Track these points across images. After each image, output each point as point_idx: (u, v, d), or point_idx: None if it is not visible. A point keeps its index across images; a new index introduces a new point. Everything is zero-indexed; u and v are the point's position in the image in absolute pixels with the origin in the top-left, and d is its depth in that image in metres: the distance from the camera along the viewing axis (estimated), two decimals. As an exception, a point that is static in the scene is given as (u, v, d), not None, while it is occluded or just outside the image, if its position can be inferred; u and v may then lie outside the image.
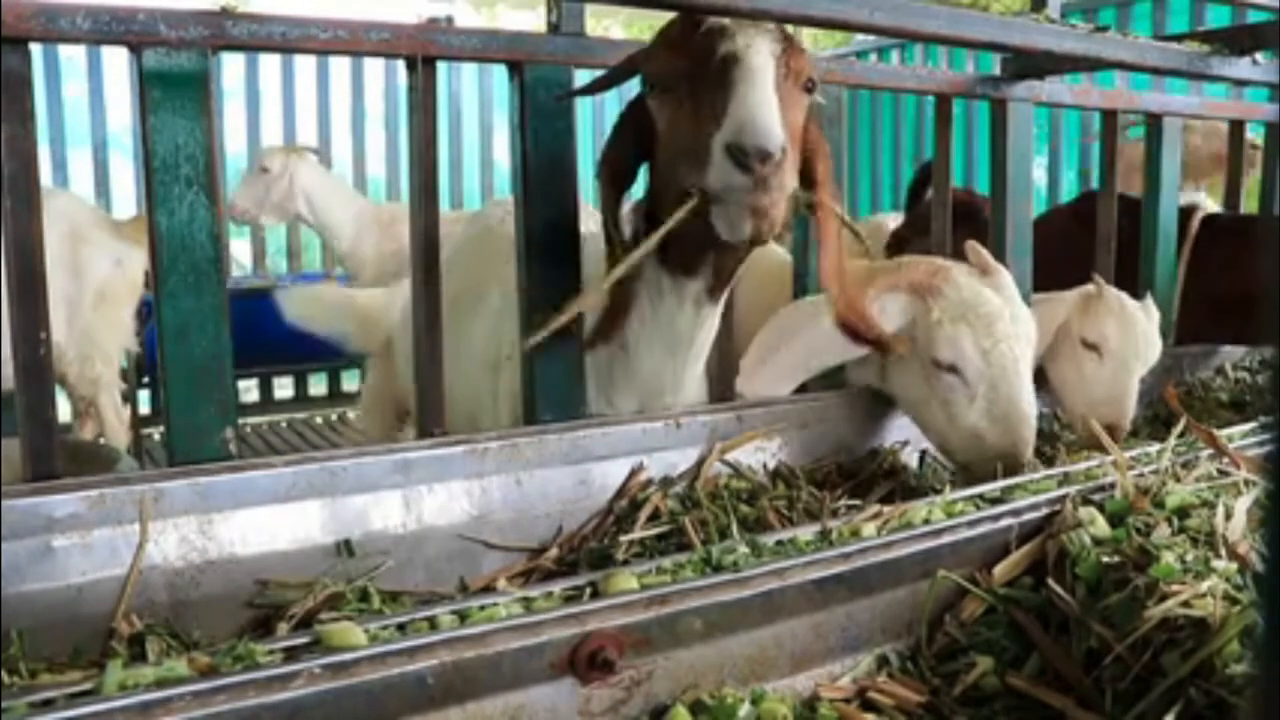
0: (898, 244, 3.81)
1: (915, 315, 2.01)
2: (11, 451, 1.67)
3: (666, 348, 1.93)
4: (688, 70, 1.68)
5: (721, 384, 2.23)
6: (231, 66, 5.78)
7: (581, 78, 2.00)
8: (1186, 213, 3.20)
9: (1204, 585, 1.22)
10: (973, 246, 2.15)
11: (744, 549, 1.36)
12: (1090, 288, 2.49)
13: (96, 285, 3.58)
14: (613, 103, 6.63)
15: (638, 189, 1.94)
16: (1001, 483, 1.67)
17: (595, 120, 6.59)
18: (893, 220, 4.47)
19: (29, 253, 1.58)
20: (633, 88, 1.85)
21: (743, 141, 1.53)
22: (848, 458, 2.16)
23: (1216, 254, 3.19)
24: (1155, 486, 1.52)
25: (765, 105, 1.57)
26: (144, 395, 4.85)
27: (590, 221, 2.08)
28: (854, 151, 6.51)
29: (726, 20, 1.67)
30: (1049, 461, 2.22)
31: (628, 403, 2.01)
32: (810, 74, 1.75)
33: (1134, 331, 2.41)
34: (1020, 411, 1.99)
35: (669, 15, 1.76)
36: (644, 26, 6.86)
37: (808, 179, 1.82)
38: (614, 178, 1.87)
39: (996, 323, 1.99)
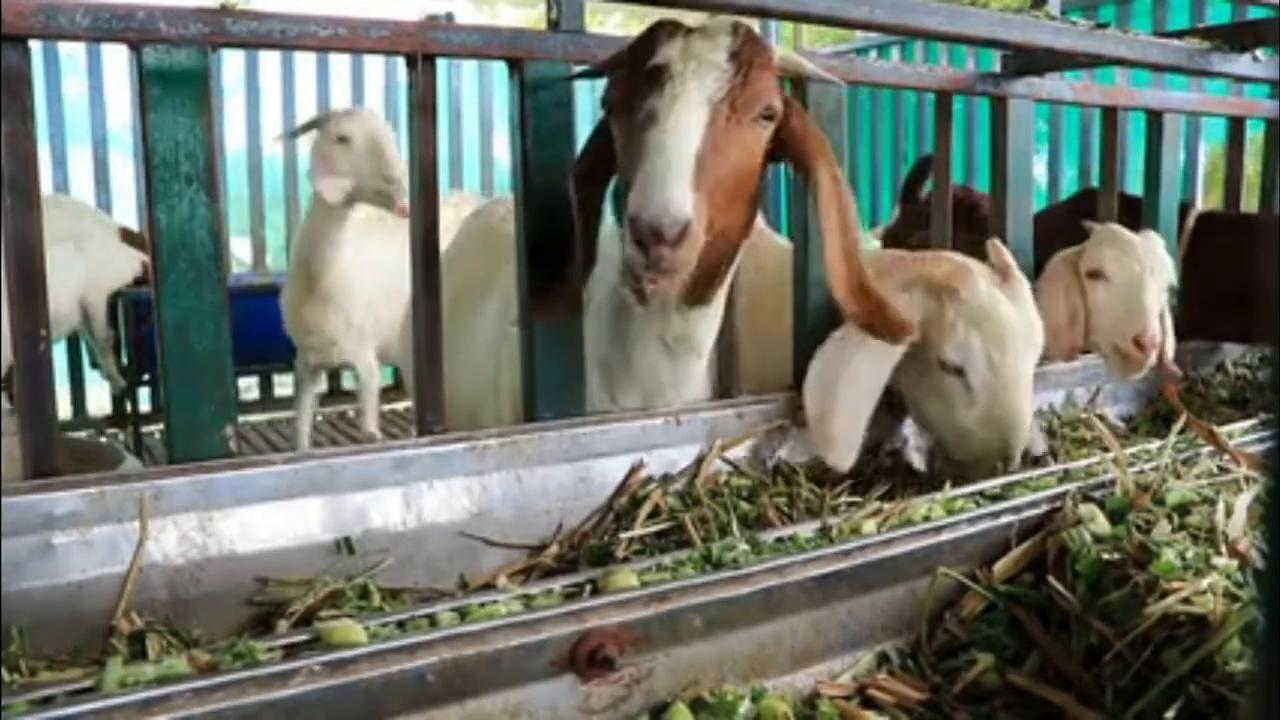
0: (892, 239, 3.81)
1: (930, 312, 2.01)
2: (12, 449, 1.67)
3: (663, 347, 1.92)
4: (627, 105, 1.66)
5: (724, 380, 2.22)
6: (231, 64, 5.77)
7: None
8: (1182, 210, 3.20)
9: (1204, 582, 1.22)
10: (995, 246, 2.13)
11: (744, 546, 1.36)
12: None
13: None
14: (613, 100, 6.64)
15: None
16: (1002, 480, 1.67)
17: (595, 120, 6.57)
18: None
19: (29, 251, 1.58)
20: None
21: (639, 216, 1.47)
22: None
23: (1212, 251, 3.19)
24: (1156, 483, 1.52)
25: (667, 181, 1.49)
26: (144, 393, 4.85)
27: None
28: (854, 149, 6.50)
29: (674, 53, 1.64)
30: (1053, 456, 2.22)
31: (630, 400, 2.00)
32: (770, 101, 1.69)
33: (1132, 251, 2.47)
34: (1016, 420, 1.99)
35: (667, 14, 1.76)
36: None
37: (801, 167, 1.80)
38: (581, 189, 1.85)
39: (1009, 335, 1.98)
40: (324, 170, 3.61)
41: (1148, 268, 2.45)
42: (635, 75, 1.66)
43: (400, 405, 5.51)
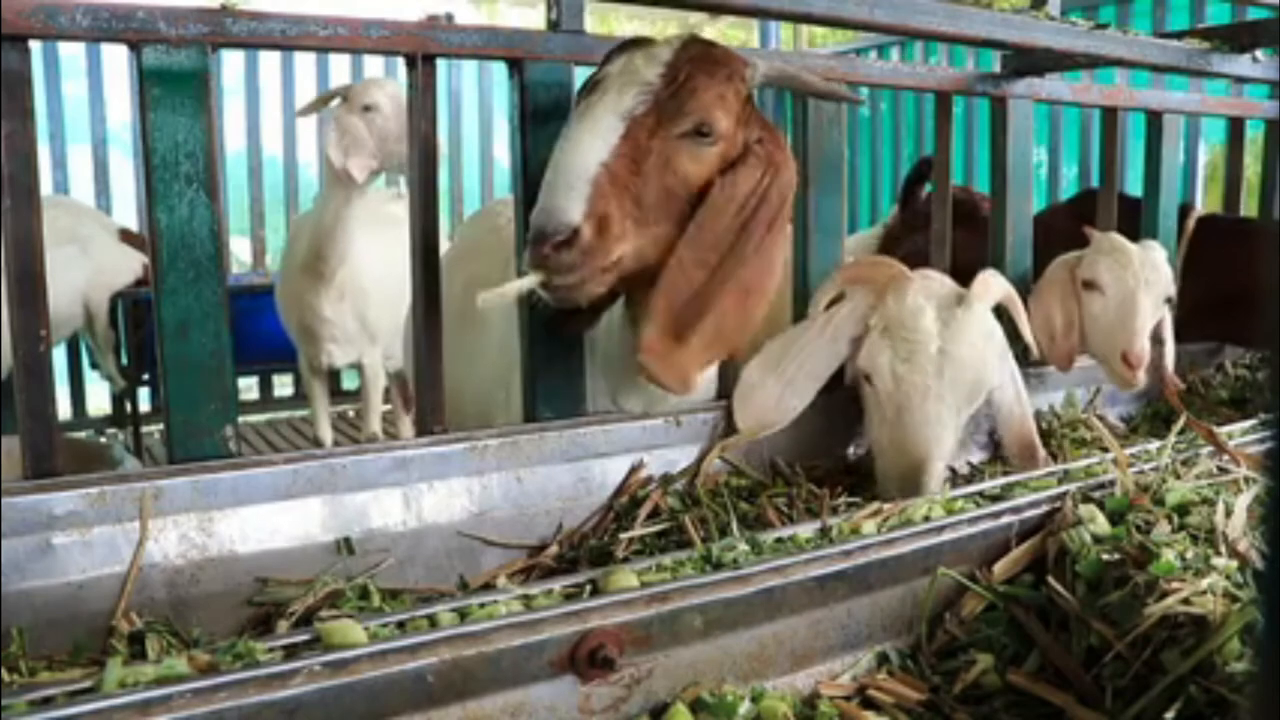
0: (891, 240, 3.81)
1: (862, 314, 2.00)
2: (12, 448, 1.67)
3: None
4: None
5: (724, 381, 2.23)
6: (231, 64, 5.77)
7: (582, 75, 2.00)
8: (1183, 212, 3.21)
9: (1204, 582, 1.22)
10: (983, 279, 2.03)
11: (744, 546, 1.36)
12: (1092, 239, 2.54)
13: None
14: (612, 100, 6.64)
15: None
16: (1002, 480, 1.67)
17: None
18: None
19: (29, 250, 1.58)
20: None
21: (533, 220, 1.56)
22: (849, 455, 2.17)
23: (1212, 253, 3.19)
24: (1155, 484, 1.52)
25: (555, 189, 1.57)
26: (144, 392, 4.85)
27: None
28: (854, 149, 6.51)
29: (613, 69, 1.69)
30: (1053, 459, 2.22)
31: (633, 404, 2.00)
32: (704, 118, 1.67)
33: (1129, 264, 2.44)
34: (916, 444, 1.89)
35: (669, 13, 1.75)
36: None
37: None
38: None
39: (919, 351, 1.90)
40: (348, 146, 3.38)
41: (1143, 281, 2.42)
42: (583, 89, 1.71)
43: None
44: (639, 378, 1.85)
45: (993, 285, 2.03)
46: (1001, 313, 2.08)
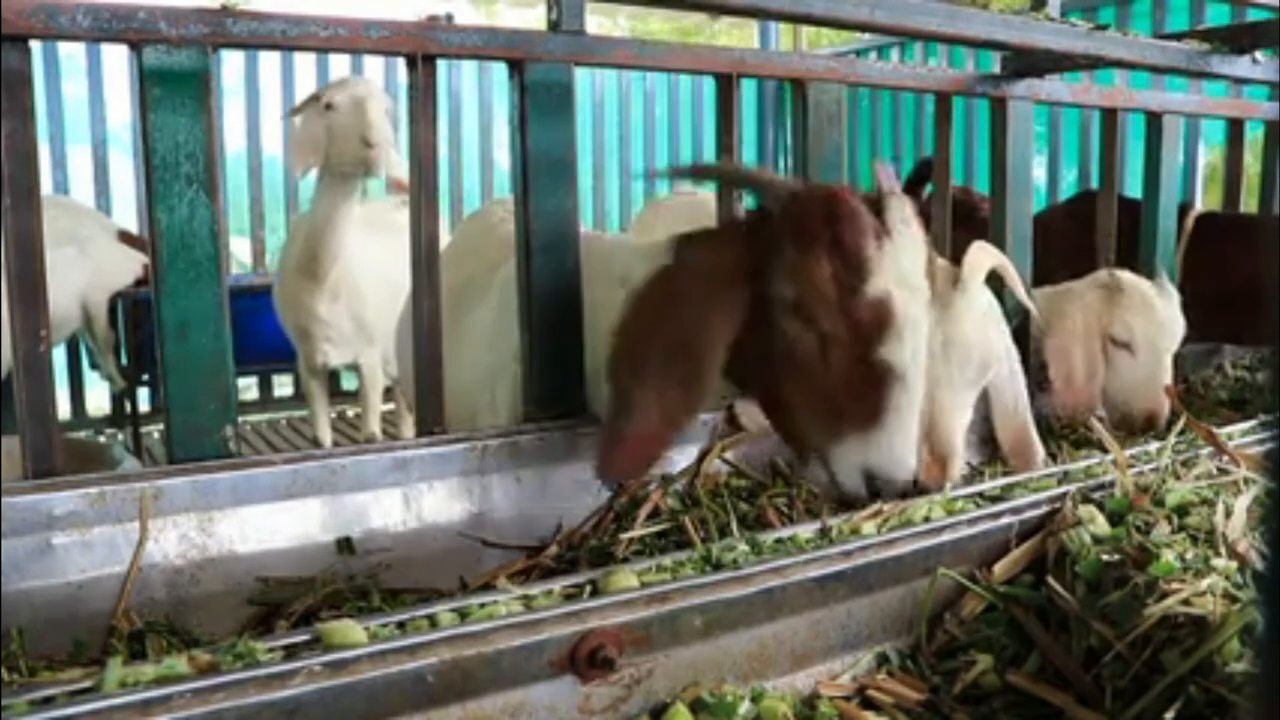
0: None
1: None
2: (12, 448, 1.67)
3: None
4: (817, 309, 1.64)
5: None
6: (231, 64, 5.77)
7: (582, 76, 2.00)
8: (1182, 210, 3.21)
9: (1204, 583, 1.22)
10: (975, 249, 2.04)
11: (744, 547, 1.36)
12: (1101, 274, 2.50)
13: None
14: (612, 102, 6.65)
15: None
16: (1002, 480, 1.67)
17: (595, 120, 6.59)
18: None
19: (29, 250, 1.58)
20: (635, 89, 1.85)
21: (894, 478, 1.57)
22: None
23: (1211, 252, 3.20)
24: (1155, 484, 1.52)
25: (910, 444, 1.59)
26: (144, 392, 4.85)
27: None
28: (854, 150, 6.51)
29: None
30: (1052, 458, 2.22)
31: None
32: None
33: (1160, 321, 2.46)
34: (938, 437, 1.89)
35: (669, 13, 1.75)
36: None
37: None
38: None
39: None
40: (300, 143, 3.47)
41: (1170, 340, 2.46)
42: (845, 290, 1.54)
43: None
44: None
45: (983, 260, 2.02)
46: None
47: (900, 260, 1.55)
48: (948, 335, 1.90)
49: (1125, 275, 2.55)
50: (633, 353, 1.62)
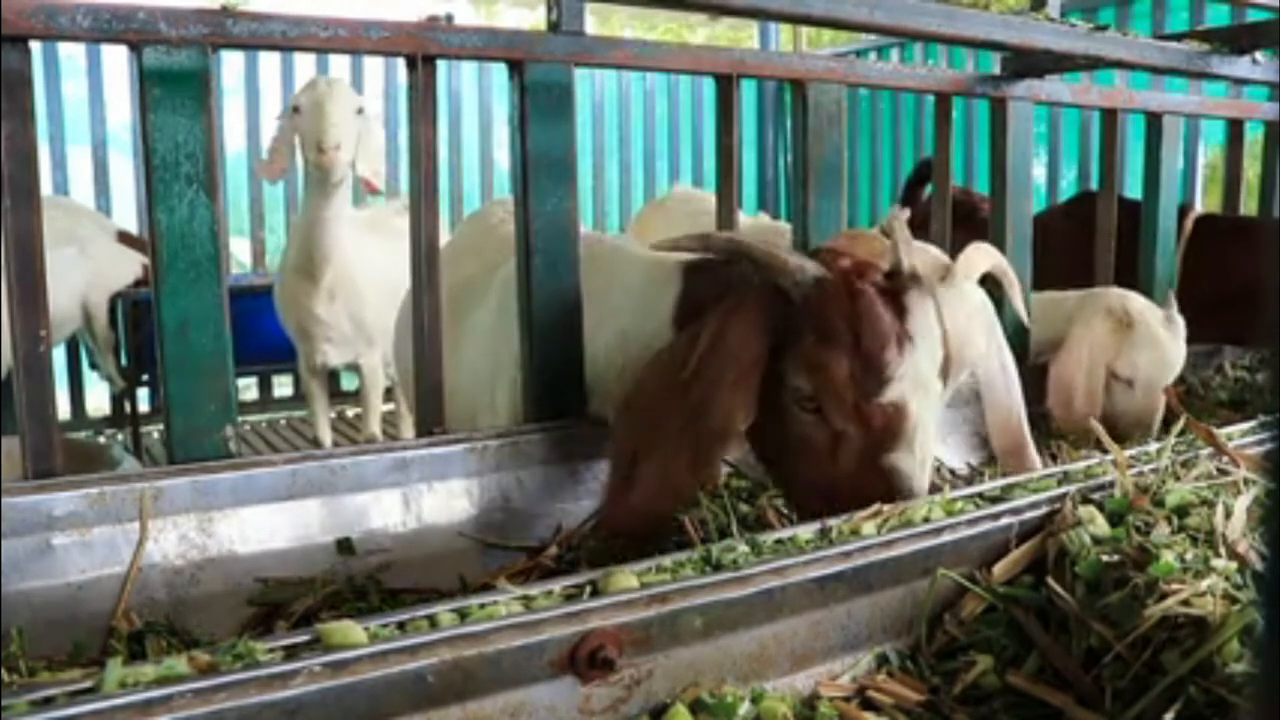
0: None
1: None
2: (12, 449, 1.67)
3: None
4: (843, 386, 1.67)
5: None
6: (231, 64, 5.77)
7: (582, 76, 2.00)
8: (1181, 211, 3.21)
9: (1204, 584, 1.22)
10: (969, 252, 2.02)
11: (744, 547, 1.36)
12: (1114, 299, 2.50)
13: None
14: (612, 103, 6.65)
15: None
16: (1001, 481, 1.67)
17: (595, 120, 6.59)
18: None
19: (29, 250, 1.58)
20: (635, 89, 1.85)
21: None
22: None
23: (1211, 253, 3.20)
24: (1155, 485, 1.52)
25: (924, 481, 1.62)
26: (143, 393, 4.85)
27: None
28: (854, 151, 6.51)
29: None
30: (1052, 459, 2.21)
31: None
32: None
33: (1166, 360, 2.47)
34: None
35: (669, 13, 1.76)
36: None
37: None
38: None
39: None
40: (270, 147, 3.52)
41: (1171, 374, 2.48)
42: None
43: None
44: None
45: (978, 259, 2.00)
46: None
47: (920, 365, 1.56)
48: None
49: (1135, 305, 2.53)
50: (644, 421, 1.64)
